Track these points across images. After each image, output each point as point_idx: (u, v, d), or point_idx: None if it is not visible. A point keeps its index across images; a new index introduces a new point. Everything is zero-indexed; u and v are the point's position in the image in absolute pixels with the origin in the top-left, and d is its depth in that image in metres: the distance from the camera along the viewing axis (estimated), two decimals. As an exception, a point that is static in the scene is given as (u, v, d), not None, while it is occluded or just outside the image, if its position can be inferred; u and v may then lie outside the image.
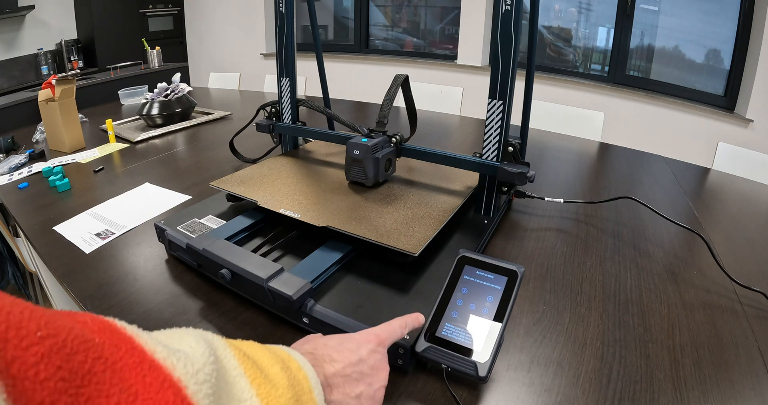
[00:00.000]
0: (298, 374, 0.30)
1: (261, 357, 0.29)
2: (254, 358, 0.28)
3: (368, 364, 0.36)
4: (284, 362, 0.30)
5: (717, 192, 1.01)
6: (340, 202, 0.66)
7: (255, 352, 0.29)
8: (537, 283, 0.62)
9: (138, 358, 0.21)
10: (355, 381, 0.34)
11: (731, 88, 2.22)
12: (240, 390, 0.24)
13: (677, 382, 0.46)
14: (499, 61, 0.62)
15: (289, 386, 0.28)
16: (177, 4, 3.84)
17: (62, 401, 0.16)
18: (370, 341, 0.37)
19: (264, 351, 0.30)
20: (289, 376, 0.28)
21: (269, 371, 0.28)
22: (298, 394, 0.28)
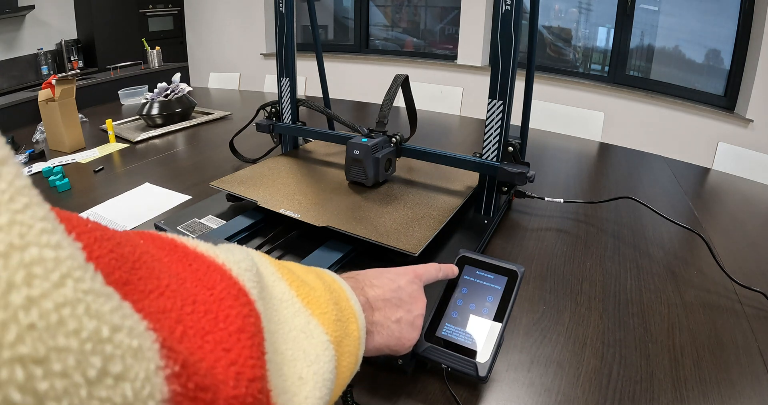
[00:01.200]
0: (333, 284, 0.30)
1: (296, 267, 0.29)
2: (290, 267, 0.28)
3: (407, 291, 0.36)
4: (318, 274, 0.30)
5: (717, 192, 1.01)
6: (340, 202, 0.66)
7: (290, 264, 0.30)
8: (537, 283, 0.62)
9: (182, 252, 0.22)
10: (395, 306, 0.35)
11: (731, 88, 2.22)
12: (280, 291, 0.25)
13: (677, 382, 0.46)
14: (499, 61, 0.62)
15: (326, 290, 0.28)
16: (177, 4, 3.84)
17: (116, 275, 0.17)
18: (407, 273, 0.38)
19: (298, 264, 0.30)
20: (324, 283, 0.29)
21: (305, 278, 0.28)
22: (336, 298, 0.28)
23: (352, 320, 0.29)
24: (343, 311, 0.28)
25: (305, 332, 0.24)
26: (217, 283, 0.20)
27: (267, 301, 0.23)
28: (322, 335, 0.24)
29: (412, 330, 0.36)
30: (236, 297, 0.20)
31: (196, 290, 0.19)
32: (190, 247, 0.22)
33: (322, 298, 0.26)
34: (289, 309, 0.24)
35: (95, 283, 0.13)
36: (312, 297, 0.26)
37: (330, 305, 0.27)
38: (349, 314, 0.29)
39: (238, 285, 0.21)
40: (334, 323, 0.26)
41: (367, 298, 0.34)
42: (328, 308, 0.26)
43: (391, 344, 0.34)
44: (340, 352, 0.26)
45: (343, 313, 0.28)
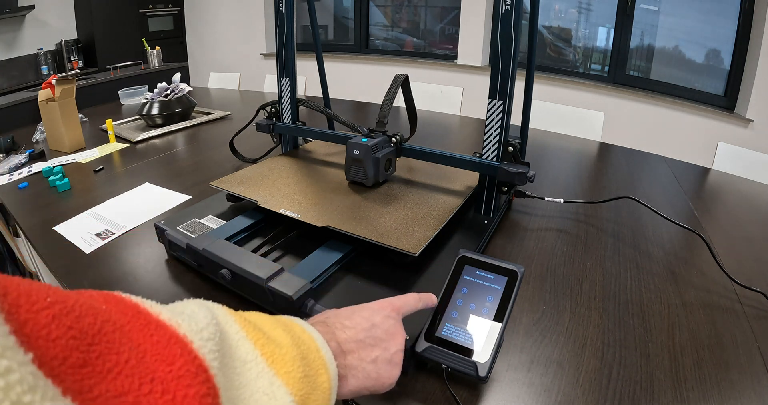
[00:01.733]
0: (303, 335, 0.30)
1: (263, 322, 0.29)
2: (256, 323, 0.28)
3: (382, 328, 0.36)
4: (286, 325, 0.30)
5: (717, 192, 1.01)
6: (340, 202, 0.66)
7: (257, 317, 0.29)
8: (537, 283, 0.62)
9: (144, 320, 0.21)
10: (369, 346, 0.34)
11: (731, 88, 2.22)
12: (244, 351, 0.25)
13: (677, 382, 0.46)
14: (499, 61, 0.62)
15: (294, 345, 0.27)
16: (177, 4, 3.84)
17: (74, 357, 0.17)
18: (383, 308, 0.38)
19: (265, 317, 0.30)
20: (292, 337, 0.28)
21: (272, 333, 0.28)
22: (304, 352, 0.28)
23: (321, 372, 0.28)
24: (312, 364, 0.28)
25: (268, 394, 0.24)
26: (177, 359, 0.20)
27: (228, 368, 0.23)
28: (286, 396, 0.24)
29: (391, 368, 0.35)
30: (195, 374, 0.20)
31: (155, 366, 0.19)
32: (153, 315, 0.22)
33: (287, 356, 0.26)
34: (252, 371, 0.24)
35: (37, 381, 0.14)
36: (277, 355, 0.26)
37: (296, 362, 0.26)
38: (318, 366, 0.28)
39: (198, 360, 0.21)
40: (300, 381, 0.26)
41: (338, 343, 0.33)
42: (294, 366, 0.26)
43: (368, 385, 0.33)
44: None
45: (312, 367, 0.28)
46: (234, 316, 0.27)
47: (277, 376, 0.25)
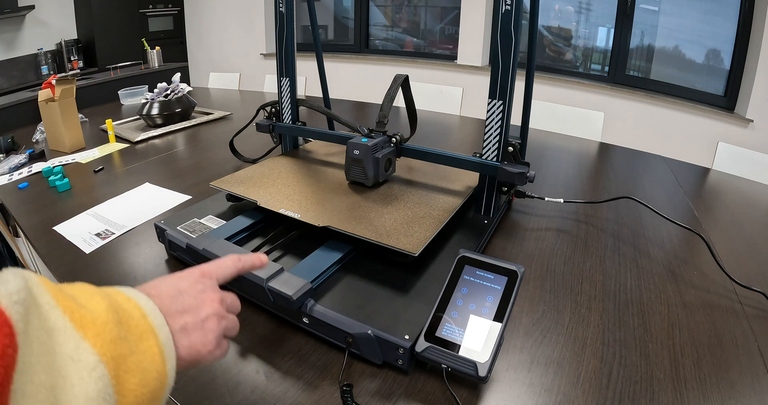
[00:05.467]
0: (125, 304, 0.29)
1: (81, 292, 0.28)
2: (72, 294, 0.27)
3: (190, 294, 0.34)
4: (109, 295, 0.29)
5: (717, 192, 1.01)
6: (340, 202, 0.66)
7: (76, 288, 0.28)
8: (537, 283, 0.62)
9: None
10: (177, 313, 0.32)
11: (731, 88, 2.22)
12: (53, 320, 0.24)
13: (677, 382, 0.46)
14: (499, 61, 0.62)
15: (109, 311, 0.27)
16: (177, 4, 3.84)
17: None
18: (191, 274, 0.36)
19: (86, 287, 0.29)
20: (110, 303, 0.28)
21: (86, 301, 0.27)
22: (121, 317, 0.27)
23: (147, 337, 0.28)
24: (133, 329, 0.27)
25: (73, 358, 0.24)
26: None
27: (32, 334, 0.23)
28: (92, 357, 0.24)
29: (204, 334, 0.33)
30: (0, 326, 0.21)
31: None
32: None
33: (98, 320, 0.26)
34: (59, 337, 0.24)
35: None
36: (87, 320, 0.26)
37: (109, 325, 0.26)
38: (142, 331, 0.28)
39: (5, 316, 0.21)
40: (111, 343, 0.25)
41: None
42: (105, 329, 0.26)
43: (184, 355, 0.31)
44: (123, 370, 0.26)
45: (132, 332, 0.27)
46: (48, 287, 0.26)
47: (85, 339, 0.25)
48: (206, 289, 0.35)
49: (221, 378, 0.46)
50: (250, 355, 0.49)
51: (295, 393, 0.44)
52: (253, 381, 0.45)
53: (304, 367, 0.47)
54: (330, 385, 0.45)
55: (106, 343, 0.25)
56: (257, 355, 0.49)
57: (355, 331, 0.46)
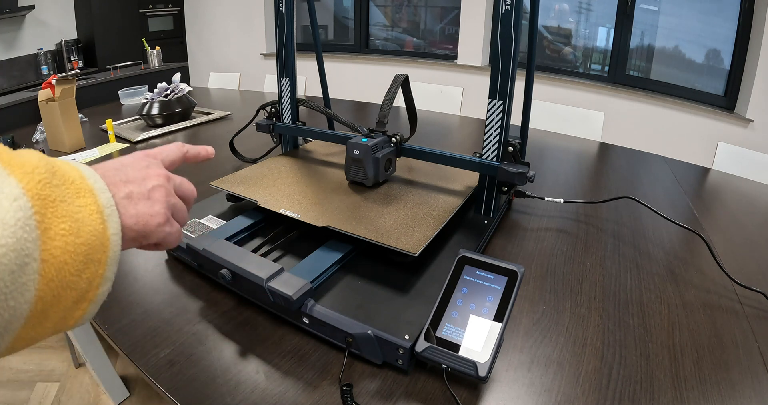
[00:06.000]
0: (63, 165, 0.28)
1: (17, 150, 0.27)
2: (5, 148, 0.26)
3: (134, 168, 0.33)
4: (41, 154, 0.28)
5: (717, 192, 1.01)
6: (340, 202, 0.66)
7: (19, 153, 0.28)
8: (537, 283, 0.62)
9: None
10: (121, 182, 0.31)
11: (731, 88, 2.22)
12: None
13: (677, 382, 0.46)
14: (499, 61, 0.62)
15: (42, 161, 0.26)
16: (177, 4, 3.84)
17: None
18: (134, 155, 0.36)
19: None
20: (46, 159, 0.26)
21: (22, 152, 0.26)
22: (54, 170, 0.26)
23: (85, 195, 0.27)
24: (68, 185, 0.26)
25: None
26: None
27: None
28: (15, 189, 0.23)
29: (151, 204, 0.32)
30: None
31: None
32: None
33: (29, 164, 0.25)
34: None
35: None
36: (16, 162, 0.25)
37: (40, 169, 0.25)
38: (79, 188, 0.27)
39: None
40: (41, 184, 0.25)
41: None
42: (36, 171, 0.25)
43: (130, 224, 0.30)
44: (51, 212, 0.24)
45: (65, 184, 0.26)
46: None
47: (11, 175, 0.24)
48: (151, 166, 0.35)
49: (221, 378, 0.46)
50: (250, 355, 0.49)
51: (295, 393, 0.44)
52: (253, 381, 0.45)
53: (304, 367, 0.47)
54: (330, 385, 0.45)
55: (33, 183, 0.24)
56: (257, 355, 0.49)
57: (355, 331, 0.46)
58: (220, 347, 0.50)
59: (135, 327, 0.53)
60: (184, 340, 0.51)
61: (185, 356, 0.48)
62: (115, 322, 0.53)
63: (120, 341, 0.50)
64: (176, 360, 0.48)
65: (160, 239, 0.33)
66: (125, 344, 0.50)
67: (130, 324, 0.53)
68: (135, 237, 0.31)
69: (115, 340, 0.51)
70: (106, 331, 0.52)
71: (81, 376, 1.34)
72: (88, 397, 1.27)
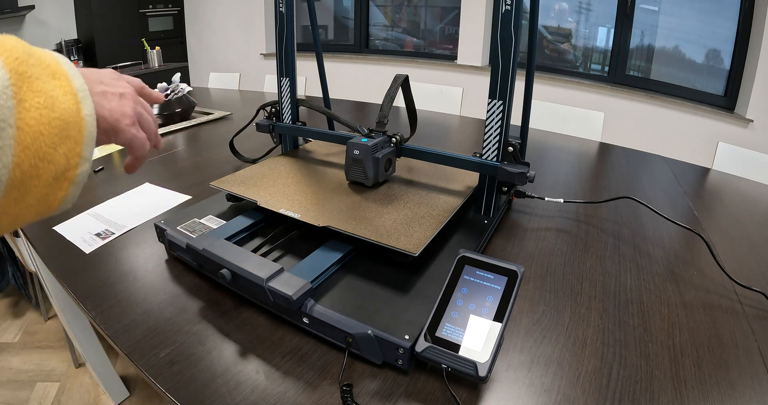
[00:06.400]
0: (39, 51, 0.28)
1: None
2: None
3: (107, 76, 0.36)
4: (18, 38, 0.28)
5: (717, 192, 1.01)
6: (340, 202, 0.66)
7: None
8: (537, 283, 0.62)
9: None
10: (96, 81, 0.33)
11: (731, 88, 2.22)
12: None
13: (677, 382, 0.46)
14: (499, 61, 0.62)
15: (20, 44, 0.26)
16: (177, 4, 3.84)
17: None
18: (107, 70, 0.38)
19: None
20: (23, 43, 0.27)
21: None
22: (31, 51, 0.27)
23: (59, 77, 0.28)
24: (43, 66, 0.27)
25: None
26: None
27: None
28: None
29: (122, 104, 0.34)
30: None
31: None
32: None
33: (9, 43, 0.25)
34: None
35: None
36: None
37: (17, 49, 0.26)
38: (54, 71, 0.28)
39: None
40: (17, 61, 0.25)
41: None
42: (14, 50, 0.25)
43: (104, 114, 0.32)
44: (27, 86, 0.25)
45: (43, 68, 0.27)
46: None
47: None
48: (121, 79, 0.37)
49: (221, 378, 0.46)
50: (250, 355, 0.49)
51: (295, 393, 0.44)
52: (253, 381, 0.45)
53: (304, 367, 0.47)
54: (330, 385, 0.45)
55: (11, 59, 0.25)
56: (257, 355, 0.49)
57: (355, 331, 0.46)
58: (220, 347, 0.50)
59: (135, 327, 0.53)
60: (184, 340, 0.51)
61: (185, 356, 0.48)
62: (115, 322, 0.53)
63: (120, 341, 0.50)
64: (176, 360, 0.48)
65: (128, 140, 0.36)
66: (125, 344, 0.50)
67: (130, 324, 0.53)
68: (106, 130, 0.33)
69: (115, 340, 0.51)
70: (106, 331, 0.52)
71: (81, 376, 1.34)
72: (88, 397, 1.27)
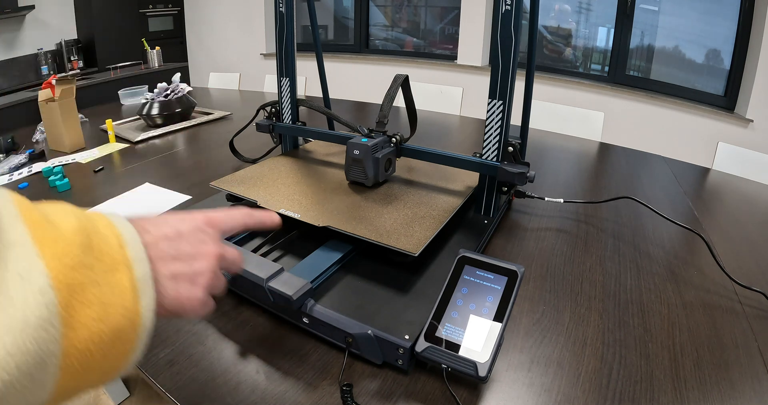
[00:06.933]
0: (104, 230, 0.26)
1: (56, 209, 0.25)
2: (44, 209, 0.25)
3: (189, 241, 0.31)
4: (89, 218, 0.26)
5: (717, 192, 1.01)
6: (340, 202, 0.66)
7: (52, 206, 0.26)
8: (537, 283, 0.62)
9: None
10: (171, 258, 0.29)
11: (731, 88, 2.22)
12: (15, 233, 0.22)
13: (677, 382, 0.46)
14: (499, 61, 0.62)
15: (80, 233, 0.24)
16: (177, 4, 3.84)
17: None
18: (195, 219, 0.32)
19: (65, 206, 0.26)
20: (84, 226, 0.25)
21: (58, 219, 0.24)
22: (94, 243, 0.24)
23: (121, 269, 0.25)
24: (103, 258, 0.25)
25: (23, 276, 0.21)
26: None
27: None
28: (42, 278, 0.22)
29: (192, 288, 0.30)
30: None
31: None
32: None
33: (63, 241, 0.23)
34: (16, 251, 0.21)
35: None
36: (49, 238, 0.23)
37: (73, 248, 0.23)
38: (116, 262, 0.25)
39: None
40: (70, 268, 0.23)
41: None
42: (67, 250, 0.23)
43: (165, 303, 0.28)
44: (78, 301, 0.23)
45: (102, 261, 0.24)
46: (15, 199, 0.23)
47: (40, 257, 0.22)
48: (207, 241, 0.32)
49: (221, 378, 0.46)
50: (250, 355, 0.49)
51: (295, 393, 0.44)
52: (253, 381, 0.45)
53: (304, 367, 0.47)
54: (330, 385, 0.45)
55: (63, 268, 0.22)
56: (257, 355, 0.49)
57: (355, 331, 0.46)
58: (220, 347, 0.50)
59: (135, 327, 0.53)
60: (184, 340, 0.51)
61: (185, 356, 0.48)
62: (115, 322, 0.53)
63: (120, 341, 0.50)
64: (176, 360, 0.48)
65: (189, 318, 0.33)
66: (125, 344, 0.50)
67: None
68: (165, 315, 0.29)
69: (115, 340, 0.51)
70: (106, 331, 0.52)
71: (81, 376, 1.34)
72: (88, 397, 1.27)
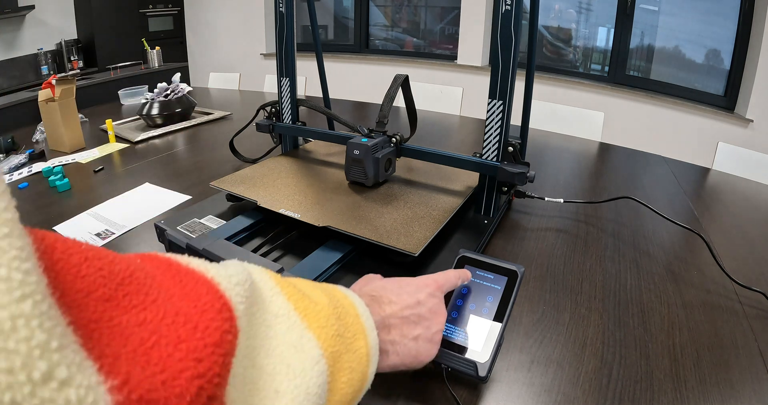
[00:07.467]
0: (343, 301, 0.29)
1: (303, 283, 0.29)
2: (295, 283, 0.28)
3: (426, 307, 0.36)
4: (327, 289, 0.30)
5: (717, 192, 1.01)
6: (340, 202, 0.66)
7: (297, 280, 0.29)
8: (537, 283, 0.62)
9: (175, 270, 0.22)
10: (413, 323, 0.34)
11: (731, 88, 2.22)
12: (277, 306, 0.24)
13: (677, 382, 0.46)
14: (499, 61, 0.62)
15: (331, 305, 0.27)
16: (177, 4, 3.84)
17: (100, 291, 0.17)
18: (428, 286, 0.37)
19: (307, 281, 0.30)
20: (331, 298, 0.28)
21: (310, 292, 0.27)
22: (340, 313, 0.28)
23: (360, 337, 0.28)
24: (349, 327, 0.28)
25: (296, 347, 0.23)
26: (203, 296, 0.20)
27: (257, 318, 0.23)
28: (315, 349, 0.24)
29: (431, 346, 0.35)
30: (219, 311, 0.20)
31: (181, 303, 0.19)
32: (183, 264, 0.23)
33: (322, 312, 0.26)
34: (283, 324, 0.24)
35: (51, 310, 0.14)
36: (311, 310, 0.25)
37: (331, 320, 0.26)
38: (356, 331, 0.28)
39: (224, 299, 0.21)
40: (333, 338, 0.26)
41: (383, 317, 0.34)
42: (328, 322, 0.26)
43: (407, 362, 0.34)
44: (337, 368, 0.25)
45: (348, 329, 0.28)
46: (270, 275, 0.26)
47: (309, 329, 0.24)
48: (440, 304, 0.37)
49: (221, 378, 0.46)
50: (250, 355, 0.49)
51: (295, 393, 0.44)
52: (253, 381, 0.45)
53: (304, 367, 0.47)
54: (330, 385, 0.45)
55: (328, 338, 0.25)
56: (257, 355, 0.49)
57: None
58: (220, 347, 0.50)
59: (135, 327, 0.52)
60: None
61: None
62: (115, 322, 0.53)
63: (120, 341, 0.50)
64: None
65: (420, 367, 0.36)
66: (125, 344, 0.50)
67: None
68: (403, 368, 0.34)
69: (115, 340, 0.51)
70: (106, 331, 0.52)
71: (81, 376, 1.34)
72: None
